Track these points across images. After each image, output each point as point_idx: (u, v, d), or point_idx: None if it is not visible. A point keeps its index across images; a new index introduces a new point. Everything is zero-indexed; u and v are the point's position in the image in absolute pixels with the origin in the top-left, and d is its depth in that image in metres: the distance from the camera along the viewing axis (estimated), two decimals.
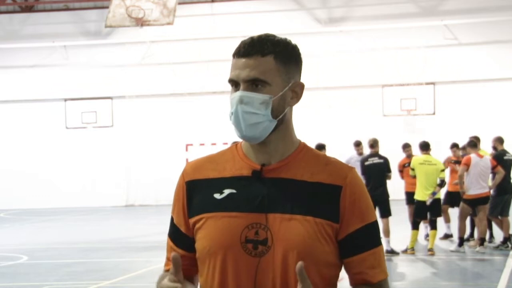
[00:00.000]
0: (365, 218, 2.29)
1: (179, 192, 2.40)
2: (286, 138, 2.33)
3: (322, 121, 25.83)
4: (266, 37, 2.30)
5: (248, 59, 2.26)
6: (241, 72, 2.26)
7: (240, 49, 2.28)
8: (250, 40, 2.29)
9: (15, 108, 28.20)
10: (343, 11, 26.54)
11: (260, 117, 2.25)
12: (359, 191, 2.30)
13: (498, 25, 25.04)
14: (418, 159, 13.28)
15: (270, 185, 2.27)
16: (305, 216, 2.23)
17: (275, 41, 2.31)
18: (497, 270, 11.47)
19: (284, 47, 2.31)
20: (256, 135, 2.26)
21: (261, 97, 2.25)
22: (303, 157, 2.32)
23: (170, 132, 27.13)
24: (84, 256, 14.17)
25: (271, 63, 2.27)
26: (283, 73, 2.29)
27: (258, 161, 2.31)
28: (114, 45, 27.56)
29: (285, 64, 2.30)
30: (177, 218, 2.40)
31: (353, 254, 2.29)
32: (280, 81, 2.28)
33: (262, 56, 2.26)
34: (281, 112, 2.29)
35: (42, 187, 27.53)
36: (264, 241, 2.23)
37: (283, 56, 2.30)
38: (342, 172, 2.30)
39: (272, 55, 2.27)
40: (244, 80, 2.26)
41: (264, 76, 2.25)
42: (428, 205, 12.98)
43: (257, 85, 2.25)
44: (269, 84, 2.26)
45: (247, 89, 2.26)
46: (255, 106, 2.24)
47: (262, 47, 2.27)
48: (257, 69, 2.25)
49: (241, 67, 2.26)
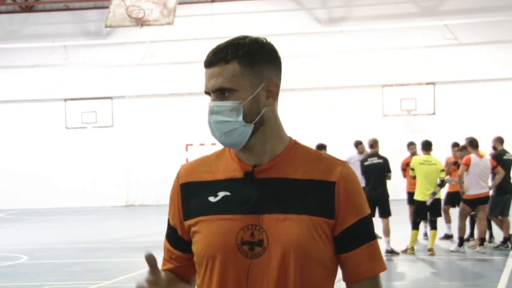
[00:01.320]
0: (360, 212, 2.28)
1: (174, 194, 2.40)
2: (273, 138, 2.31)
3: (322, 121, 25.83)
4: (231, 42, 2.29)
5: (213, 68, 2.27)
6: (209, 83, 2.28)
7: (206, 58, 2.30)
8: (215, 48, 2.29)
9: (15, 108, 28.20)
10: (343, 11, 26.53)
11: (233, 124, 2.24)
12: (353, 185, 2.29)
13: (498, 25, 25.04)
14: (418, 159, 13.28)
15: (262, 186, 2.26)
16: (300, 215, 2.23)
17: (240, 44, 2.28)
18: (497, 270, 11.47)
19: (250, 49, 2.27)
20: (233, 142, 2.27)
21: (229, 104, 2.25)
22: (294, 154, 2.31)
23: (170, 132, 27.13)
24: (84, 256, 14.17)
25: (235, 68, 2.25)
26: (251, 76, 2.26)
27: (249, 163, 2.30)
28: (114, 45, 27.56)
29: (253, 66, 2.26)
30: (173, 220, 2.41)
31: (349, 249, 2.28)
32: (248, 84, 2.25)
33: (225, 63, 2.25)
34: (255, 115, 2.26)
35: (42, 187, 27.53)
36: (259, 242, 2.23)
37: (249, 59, 2.26)
38: (334, 167, 2.29)
39: (236, 60, 2.25)
40: (212, 90, 2.28)
41: (229, 84, 2.25)
42: (428, 205, 12.97)
43: (224, 93, 2.26)
44: (236, 91, 2.25)
45: (216, 98, 2.27)
46: (225, 114, 2.25)
47: (225, 54, 2.26)
48: (221, 77, 2.25)
49: (208, 78, 2.29)
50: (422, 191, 13.00)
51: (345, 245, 2.28)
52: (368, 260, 2.29)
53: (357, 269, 2.29)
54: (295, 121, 23.12)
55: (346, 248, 2.28)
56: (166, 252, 2.46)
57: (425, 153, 13.24)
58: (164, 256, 2.47)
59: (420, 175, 13.01)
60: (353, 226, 2.27)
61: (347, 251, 2.28)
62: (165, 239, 2.48)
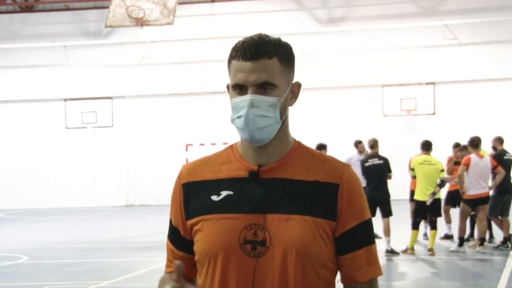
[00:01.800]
0: (361, 216, 2.30)
1: (176, 194, 2.40)
2: (284, 139, 2.33)
3: (322, 121, 25.83)
4: (267, 38, 2.28)
5: (256, 62, 2.24)
6: (250, 76, 2.24)
7: (244, 51, 2.25)
8: (253, 41, 2.26)
9: (15, 108, 28.20)
10: (343, 11, 26.54)
11: (270, 120, 2.25)
12: (356, 188, 2.31)
13: (498, 25, 25.04)
14: (417, 159, 13.27)
15: (267, 186, 2.27)
16: (303, 216, 2.24)
17: (276, 42, 2.30)
18: (497, 270, 11.47)
19: (284, 48, 2.31)
20: (264, 137, 2.26)
21: (270, 100, 2.25)
22: (299, 156, 2.33)
23: (170, 132, 27.13)
24: (84, 256, 14.17)
25: (277, 65, 2.26)
26: (285, 75, 2.29)
27: (255, 162, 2.30)
28: (114, 45, 27.56)
29: (287, 66, 2.30)
30: (175, 221, 2.41)
31: (348, 251, 2.29)
32: (284, 82, 2.29)
33: (269, 59, 2.25)
34: (284, 113, 2.30)
35: (42, 187, 27.52)
36: (262, 241, 2.23)
37: (285, 57, 2.29)
38: (338, 170, 2.31)
39: (277, 57, 2.27)
40: (253, 84, 2.24)
41: (272, 79, 2.25)
42: (428, 205, 12.96)
43: (265, 88, 2.25)
44: (276, 87, 2.26)
45: (256, 92, 2.25)
46: (265, 109, 2.24)
47: (268, 49, 2.26)
48: (266, 72, 2.24)
49: (248, 71, 2.24)
50: (422, 191, 13.00)
51: (344, 247, 2.29)
52: (365, 264, 2.31)
53: (354, 272, 2.31)
54: (295, 121, 23.08)
55: (345, 250, 2.29)
56: (170, 253, 2.46)
57: (425, 153, 13.23)
58: (168, 256, 2.47)
59: (420, 175, 13.01)
60: (354, 229, 2.28)
61: (345, 253, 2.30)
62: (167, 240, 2.47)
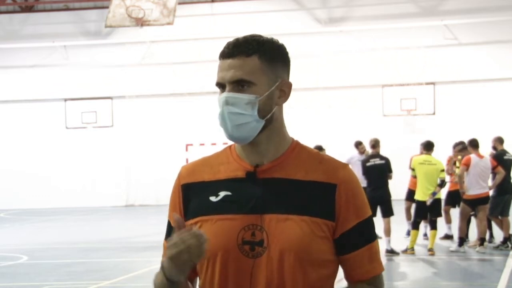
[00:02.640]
0: (361, 214, 2.30)
1: (175, 195, 2.40)
2: (278, 137, 2.32)
3: (322, 121, 25.83)
4: (251, 37, 2.29)
5: (233, 60, 2.25)
6: (226, 74, 2.25)
7: (224, 50, 2.28)
8: (235, 40, 2.29)
9: (15, 108, 28.20)
10: (343, 11, 26.53)
11: (247, 118, 2.23)
12: (354, 187, 2.30)
13: (498, 25, 25.04)
14: (418, 159, 13.26)
15: (264, 186, 2.26)
16: (301, 216, 2.23)
17: (260, 40, 2.29)
18: (497, 270, 11.47)
19: (269, 46, 2.29)
20: (243, 136, 2.25)
21: (246, 97, 2.24)
22: (296, 155, 2.32)
23: (170, 132, 27.13)
24: (84, 256, 14.17)
25: (256, 62, 2.25)
26: (269, 73, 2.27)
27: (251, 162, 2.30)
28: (114, 45, 27.56)
29: (271, 63, 2.27)
30: (174, 221, 2.39)
31: (350, 250, 2.29)
32: (266, 80, 2.26)
33: (246, 56, 2.25)
34: (268, 111, 2.27)
35: (42, 187, 27.52)
36: (260, 242, 2.23)
37: (269, 55, 2.27)
38: (336, 169, 2.30)
39: (257, 55, 2.25)
40: (229, 82, 2.25)
41: (249, 77, 2.24)
42: (429, 205, 12.95)
43: (242, 85, 2.24)
44: (254, 84, 2.24)
45: (233, 90, 2.25)
46: (241, 107, 2.23)
47: (246, 47, 2.26)
48: (242, 69, 2.24)
49: (226, 69, 2.25)
50: (422, 191, 12.99)
51: (346, 246, 2.29)
52: (367, 262, 2.31)
53: (358, 269, 2.31)
54: (295, 121, 23.07)
55: (347, 250, 2.29)
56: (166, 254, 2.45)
57: (426, 153, 13.22)
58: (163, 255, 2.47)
59: (420, 175, 13.00)
60: (354, 228, 2.28)
61: (348, 252, 2.29)
62: (164, 241, 2.46)
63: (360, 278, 2.31)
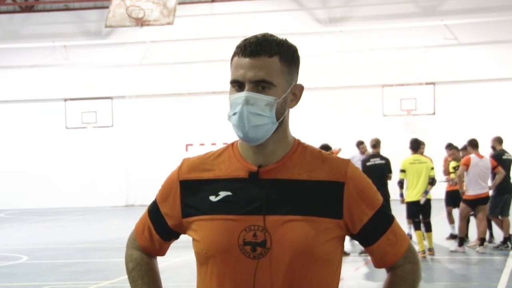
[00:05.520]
0: (375, 204, 2.31)
1: (172, 187, 2.37)
2: (283, 140, 2.31)
3: (322, 121, 25.83)
4: (271, 37, 2.27)
5: (255, 59, 2.22)
6: (247, 72, 2.22)
7: (245, 48, 2.24)
8: (255, 39, 2.25)
9: (15, 108, 28.21)
10: (343, 11, 26.54)
11: (265, 119, 2.22)
12: (361, 181, 2.32)
13: (498, 25, 25.04)
14: (407, 159, 13.08)
15: (267, 187, 2.25)
16: (306, 216, 2.23)
17: (279, 42, 2.28)
18: (497, 270, 11.46)
19: (288, 49, 2.28)
20: (258, 137, 2.23)
21: (267, 98, 2.22)
22: (299, 155, 2.31)
23: (170, 132, 27.13)
24: (84, 256, 14.17)
25: (277, 64, 2.24)
26: (286, 75, 2.27)
27: (255, 163, 2.29)
28: (114, 45, 27.56)
29: (288, 66, 2.27)
30: (167, 210, 2.38)
31: (375, 240, 2.32)
32: (284, 83, 2.26)
33: (269, 57, 2.23)
34: (282, 114, 2.27)
35: (42, 187, 27.53)
36: (262, 243, 2.22)
37: (287, 58, 2.27)
38: (340, 167, 2.30)
39: (278, 56, 2.24)
40: (250, 81, 2.22)
41: (270, 78, 2.22)
42: (422, 204, 12.83)
43: (263, 86, 2.22)
44: (274, 86, 2.23)
45: (253, 89, 2.22)
46: (260, 108, 2.21)
47: (269, 47, 2.24)
48: (264, 70, 2.22)
49: (247, 67, 2.22)
50: (413, 192, 12.86)
51: (370, 238, 2.32)
52: (395, 242, 2.33)
53: (389, 254, 2.33)
54: (295, 121, 23.05)
55: (372, 240, 2.32)
56: (146, 229, 2.44)
57: (414, 152, 13.09)
58: (142, 228, 2.45)
59: (411, 175, 12.85)
60: (372, 219, 2.29)
61: (373, 242, 2.32)
62: (147, 214, 2.45)
63: (394, 260, 2.34)
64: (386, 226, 2.32)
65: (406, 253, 2.35)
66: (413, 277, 2.36)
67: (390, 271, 2.37)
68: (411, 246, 2.38)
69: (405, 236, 2.37)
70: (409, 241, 2.38)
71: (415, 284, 2.36)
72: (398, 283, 2.34)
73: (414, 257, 2.38)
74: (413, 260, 2.37)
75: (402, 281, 2.34)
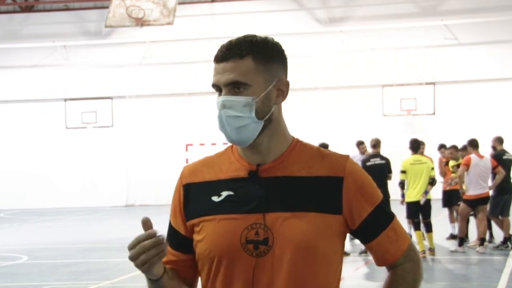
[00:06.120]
0: (374, 200, 2.31)
1: (177, 195, 2.40)
2: (278, 137, 2.31)
3: (322, 121, 25.83)
4: (244, 39, 2.28)
5: (226, 62, 2.25)
6: (221, 77, 2.25)
7: (218, 53, 2.28)
8: (228, 43, 2.28)
9: (15, 108, 28.21)
10: (343, 11, 26.54)
11: (245, 120, 2.23)
12: (361, 176, 2.32)
13: (498, 25, 25.05)
14: (408, 160, 13.10)
15: (267, 185, 2.26)
16: (306, 212, 2.23)
17: (253, 41, 2.28)
18: (497, 270, 11.47)
19: (263, 46, 2.28)
20: (243, 138, 2.25)
21: (243, 99, 2.23)
22: (297, 152, 2.32)
23: (170, 132, 27.14)
24: (84, 256, 14.17)
25: (250, 64, 2.24)
26: (264, 73, 2.26)
27: (254, 161, 2.30)
28: (114, 45, 27.56)
29: (266, 63, 2.27)
30: (175, 221, 2.40)
31: (374, 236, 2.31)
32: (262, 81, 2.26)
33: (240, 58, 2.24)
34: (267, 112, 2.26)
35: (42, 187, 27.53)
36: (264, 241, 2.23)
37: (263, 55, 2.26)
38: (339, 162, 2.31)
39: (251, 56, 2.25)
40: (224, 85, 2.24)
41: (243, 78, 2.23)
42: (422, 204, 12.83)
43: (238, 88, 2.23)
44: (250, 86, 2.24)
45: (229, 93, 2.24)
46: (238, 109, 2.22)
47: (239, 49, 2.25)
48: (235, 71, 2.23)
49: (220, 72, 2.25)
50: (413, 192, 12.87)
51: (369, 234, 2.32)
52: (395, 240, 2.33)
53: (389, 252, 2.33)
54: (295, 121, 23.09)
55: (371, 236, 2.32)
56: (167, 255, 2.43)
57: (414, 153, 13.10)
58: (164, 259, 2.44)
59: (412, 175, 12.86)
60: (371, 214, 2.29)
61: (372, 239, 2.32)
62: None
63: (394, 258, 2.34)
64: (386, 222, 2.32)
65: (407, 252, 2.35)
66: (413, 276, 2.36)
67: (391, 269, 2.37)
68: (412, 245, 2.38)
69: (406, 235, 2.37)
70: (410, 240, 2.38)
71: (415, 283, 2.36)
72: (398, 281, 2.35)
73: (415, 256, 2.38)
74: (414, 258, 2.37)
75: (402, 280, 2.34)
